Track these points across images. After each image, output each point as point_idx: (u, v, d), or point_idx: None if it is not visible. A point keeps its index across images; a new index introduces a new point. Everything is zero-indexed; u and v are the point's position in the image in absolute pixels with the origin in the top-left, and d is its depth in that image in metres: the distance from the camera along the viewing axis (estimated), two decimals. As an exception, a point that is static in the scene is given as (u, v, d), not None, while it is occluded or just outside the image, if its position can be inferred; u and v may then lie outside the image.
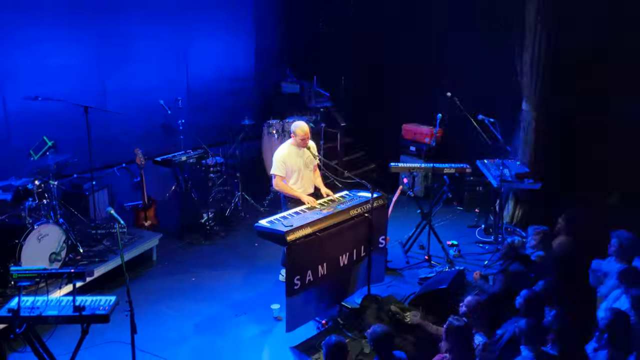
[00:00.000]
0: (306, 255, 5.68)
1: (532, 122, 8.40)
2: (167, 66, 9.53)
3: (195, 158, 8.27)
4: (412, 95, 10.25)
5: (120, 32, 8.83)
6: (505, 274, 6.10)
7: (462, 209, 9.49)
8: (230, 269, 7.46)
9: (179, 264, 7.54)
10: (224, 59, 10.39)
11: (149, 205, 8.09)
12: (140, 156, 7.77)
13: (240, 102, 10.75)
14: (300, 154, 6.63)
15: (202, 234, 8.30)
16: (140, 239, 7.41)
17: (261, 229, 5.78)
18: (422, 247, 7.92)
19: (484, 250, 8.02)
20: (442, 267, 7.32)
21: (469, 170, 7.99)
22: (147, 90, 9.18)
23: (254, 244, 8.09)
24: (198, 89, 10.04)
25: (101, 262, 6.74)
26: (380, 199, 6.41)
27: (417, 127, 10.02)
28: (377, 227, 6.37)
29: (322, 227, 5.85)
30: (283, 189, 6.61)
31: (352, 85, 11.14)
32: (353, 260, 6.23)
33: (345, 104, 10.77)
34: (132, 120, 9.02)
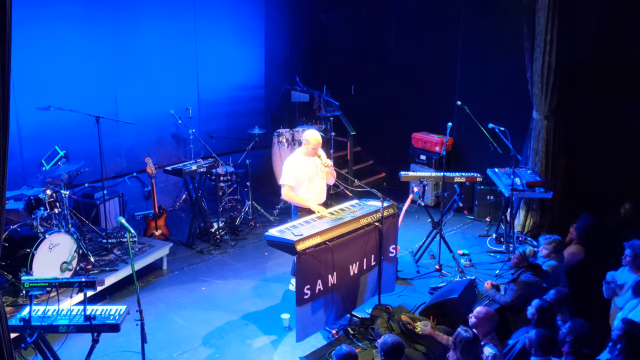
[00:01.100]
0: (316, 264, 5.68)
1: (543, 130, 8.38)
2: (178, 76, 9.60)
3: (206, 167, 8.31)
4: (423, 104, 10.26)
5: (132, 42, 8.91)
6: (516, 283, 6.07)
7: (473, 218, 9.46)
8: (241, 278, 7.47)
9: (189, 273, 7.56)
10: (234, 68, 10.45)
11: (160, 214, 8.13)
12: (151, 165, 7.81)
13: (250, 111, 10.80)
14: (311, 163, 6.63)
15: (212, 243, 8.32)
16: (151, 248, 7.44)
17: (271, 238, 5.79)
18: (433, 257, 7.89)
19: (495, 259, 7.98)
20: (453, 277, 7.28)
21: (479, 179, 7.97)
22: (158, 100, 9.25)
23: (264, 253, 8.10)
24: (208, 98, 10.10)
25: (112, 271, 6.76)
26: (390, 207, 6.40)
27: (428, 136, 10.02)
28: (387, 236, 6.36)
29: (332, 236, 5.84)
30: (292, 198, 6.62)
31: (363, 94, 11.16)
32: (363, 269, 6.22)
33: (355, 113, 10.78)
34: (143, 129, 9.08)
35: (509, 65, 8.90)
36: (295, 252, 5.53)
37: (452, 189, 8.32)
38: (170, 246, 7.70)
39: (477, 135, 8.50)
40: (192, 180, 8.41)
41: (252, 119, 10.51)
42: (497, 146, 8.05)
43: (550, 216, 8.56)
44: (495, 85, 9.21)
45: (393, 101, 10.70)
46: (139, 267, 7.11)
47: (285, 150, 9.59)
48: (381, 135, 10.98)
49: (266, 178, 10.45)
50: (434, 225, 7.76)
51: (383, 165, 11.26)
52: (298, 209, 6.69)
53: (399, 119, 10.62)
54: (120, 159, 9.06)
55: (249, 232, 8.82)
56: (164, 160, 9.22)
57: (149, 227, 8.08)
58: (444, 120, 7.97)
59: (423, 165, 10.01)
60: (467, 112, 8.02)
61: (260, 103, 11.04)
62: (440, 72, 9.97)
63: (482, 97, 9.23)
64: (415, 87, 10.33)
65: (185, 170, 8.04)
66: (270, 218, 9.22)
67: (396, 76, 10.61)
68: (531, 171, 8.37)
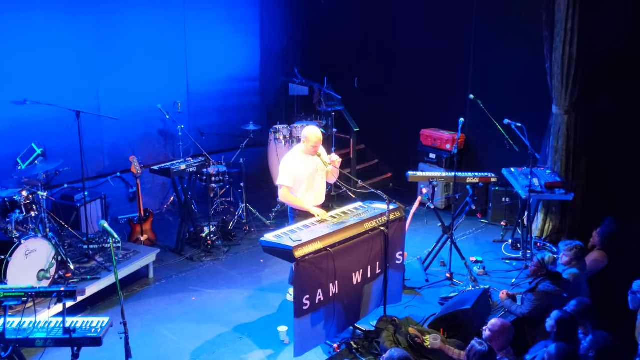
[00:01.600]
0: (316, 272, 5.68)
1: (563, 126, 8.37)
2: (166, 67, 9.60)
3: (196, 167, 8.30)
4: (432, 98, 10.26)
5: (115, 31, 8.92)
6: (534, 293, 6.07)
7: (487, 222, 9.46)
8: (234, 287, 7.47)
9: (178, 282, 7.56)
10: (226, 59, 10.45)
11: (146, 218, 8.13)
12: (136, 165, 7.81)
13: (244, 106, 10.80)
14: (310, 162, 6.63)
15: (203, 249, 8.32)
16: (136, 255, 7.44)
17: (267, 244, 5.79)
18: (443, 264, 7.89)
19: (511, 267, 7.98)
20: (466, 286, 7.29)
21: (494, 179, 7.97)
22: (143, 94, 9.25)
23: (260, 261, 8.10)
24: (198, 91, 10.10)
25: (93, 279, 6.76)
26: (397, 211, 6.40)
27: (437, 133, 10.02)
28: (393, 242, 6.36)
29: (334, 242, 5.84)
30: (290, 200, 6.62)
31: (366, 87, 11.17)
32: (367, 278, 6.22)
33: (359, 108, 10.79)
34: (127, 125, 9.08)
35: (527, 56, 8.90)
36: (294, 259, 5.53)
37: (464, 190, 8.32)
38: (157, 252, 7.70)
39: (492, 132, 8.50)
40: (181, 181, 8.41)
41: (246, 114, 10.51)
42: (513, 144, 8.04)
43: (571, 220, 8.56)
44: (512, 78, 9.21)
45: (400, 95, 10.70)
46: (123, 275, 7.10)
47: (283, 148, 9.59)
48: (387, 132, 10.98)
49: (262, 178, 10.45)
50: (445, 229, 7.76)
51: (389, 165, 11.26)
52: (296, 212, 6.70)
53: (406, 114, 10.62)
54: (103, 158, 9.06)
55: (243, 238, 8.82)
56: (150, 159, 9.22)
57: (134, 231, 8.08)
58: (455, 115, 7.97)
59: (432, 164, 10.01)
60: (481, 107, 8.02)
61: (255, 97, 11.04)
62: (452, 63, 9.97)
63: (497, 90, 9.23)
64: (425, 79, 10.33)
65: (174, 169, 8.04)
66: (266, 222, 9.22)
67: (403, 68, 10.62)
68: (550, 171, 8.37)
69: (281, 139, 9.72)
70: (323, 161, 6.56)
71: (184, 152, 9.35)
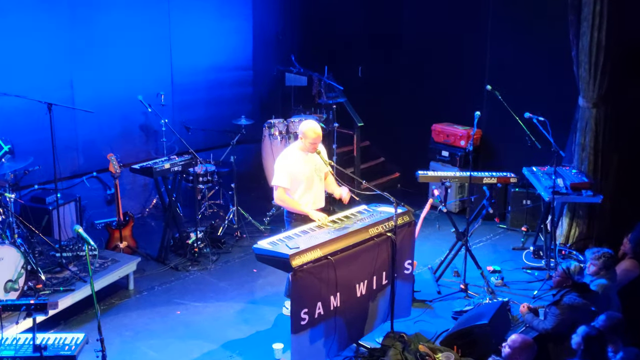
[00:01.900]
0: (315, 283, 5.68)
1: (591, 121, 8.38)
2: (147, 55, 9.59)
3: (181, 165, 8.30)
4: (445, 89, 10.26)
5: (91, 15, 8.92)
6: (559, 306, 6.07)
7: (506, 227, 9.46)
8: (224, 300, 7.46)
9: (161, 295, 7.56)
10: (215, 45, 10.45)
11: (125, 222, 8.13)
12: (114, 163, 7.80)
13: (235, 98, 10.79)
14: (309, 161, 6.63)
15: (189, 257, 8.32)
16: (115, 264, 7.43)
17: (261, 251, 5.79)
18: (457, 274, 7.89)
19: (533, 277, 7.98)
20: (482, 299, 7.29)
21: (514, 180, 7.97)
22: (122, 84, 9.24)
23: (252, 270, 8.10)
24: (184, 81, 10.10)
25: (67, 291, 6.75)
26: (405, 215, 6.40)
27: (451, 128, 10.02)
28: (402, 250, 6.36)
29: (335, 250, 5.84)
30: (287, 203, 6.61)
31: (372, 77, 11.17)
32: (373, 289, 6.22)
33: (363, 100, 10.78)
34: (105, 119, 9.08)
35: (550, 42, 8.90)
36: (291, 269, 5.53)
37: (480, 192, 8.31)
38: (137, 261, 7.70)
39: (511, 127, 8.50)
40: (165, 181, 8.40)
41: (237, 106, 10.50)
42: (535, 140, 8.04)
43: (599, 225, 8.56)
44: (534, 66, 9.21)
45: (409, 85, 10.70)
46: (100, 286, 7.10)
47: (278, 145, 9.59)
48: (394, 126, 10.98)
49: (255, 179, 10.44)
50: (459, 235, 7.77)
51: (397, 164, 11.26)
52: (292, 217, 6.69)
53: (416, 107, 10.62)
54: (78, 155, 9.05)
55: (233, 245, 8.82)
56: (130, 157, 9.21)
57: (112, 237, 8.08)
58: (470, 108, 7.96)
59: (445, 163, 10.02)
60: (499, 99, 8.01)
61: (248, 87, 11.04)
62: (467, 50, 9.97)
63: (517, 80, 9.22)
64: (437, 68, 10.32)
65: (157, 169, 8.04)
66: (259, 227, 9.22)
67: (413, 55, 10.62)
68: (577, 170, 8.37)
69: (276, 134, 9.71)
70: (324, 160, 6.56)
71: (168, 149, 9.34)
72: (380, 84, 11.05)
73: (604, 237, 8.39)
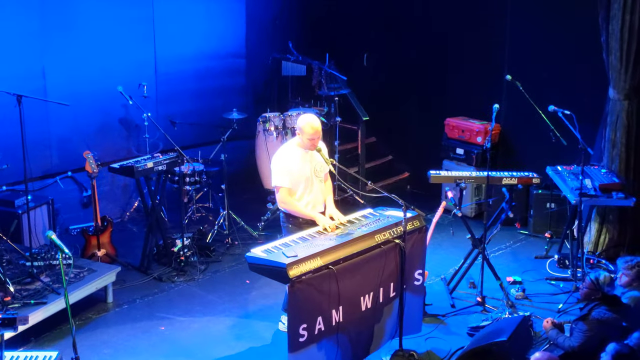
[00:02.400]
0: (316, 296, 5.68)
1: (623, 114, 8.38)
2: (128, 41, 9.58)
3: (166, 164, 8.30)
4: (460, 80, 10.26)
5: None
6: (586, 322, 6.07)
7: (528, 234, 9.46)
8: (213, 314, 7.47)
9: (144, 308, 7.56)
10: (204, 31, 10.44)
11: (103, 228, 8.13)
12: (91, 162, 7.80)
13: (227, 89, 10.79)
14: (308, 159, 6.63)
15: (175, 267, 8.32)
16: (92, 274, 7.43)
17: (255, 260, 5.79)
18: (473, 285, 7.89)
19: (558, 289, 7.99)
20: (501, 313, 7.29)
21: (536, 180, 7.97)
22: (101, 74, 9.23)
23: (245, 281, 8.10)
24: (169, 71, 10.10)
25: (38, 304, 6.75)
26: (416, 219, 6.40)
27: (466, 123, 10.02)
28: (411, 258, 6.36)
29: (338, 258, 5.84)
30: (293, 206, 6.55)
31: (378, 66, 11.16)
32: (379, 302, 6.22)
33: (369, 91, 10.79)
34: (80, 113, 9.08)
35: (577, 27, 8.89)
36: (288, 280, 5.53)
37: (499, 194, 8.31)
38: (117, 271, 7.70)
39: (534, 122, 8.49)
40: (148, 182, 8.40)
41: (228, 99, 10.50)
42: (560, 136, 8.04)
43: (632, 231, 8.56)
44: (558, 54, 9.21)
45: (420, 75, 10.70)
46: (75, 299, 7.10)
47: (274, 141, 9.60)
48: (404, 121, 10.98)
49: (248, 179, 10.44)
50: (475, 242, 7.77)
51: (406, 162, 11.26)
52: (289, 221, 6.68)
53: (428, 99, 10.62)
54: (50, 153, 9.05)
55: (224, 253, 8.82)
56: (109, 155, 9.22)
57: (88, 245, 8.09)
58: (488, 101, 7.97)
59: (460, 161, 10.02)
60: (520, 90, 8.02)
61: (240, 77, 11.03)
62: (484, 36, 9.97)
63: (540, 69, 9.23)
64: (450, 56, 10.33)
65: (138, 168, 8.04)
66: (253, 233, 9.23)
67: (424, 41, 10.61)
68: (607, 170, 8.37)
69: (272, 130, 9.72)
70: (325, 158, 6.54)
71: (151, 146, 9.34)
72: (388, 73, 11.05)
73: (637, 244, 8.39)
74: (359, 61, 11.26)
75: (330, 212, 6.66)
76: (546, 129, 8.11)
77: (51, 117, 8.89)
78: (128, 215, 9.77)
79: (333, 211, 6.66)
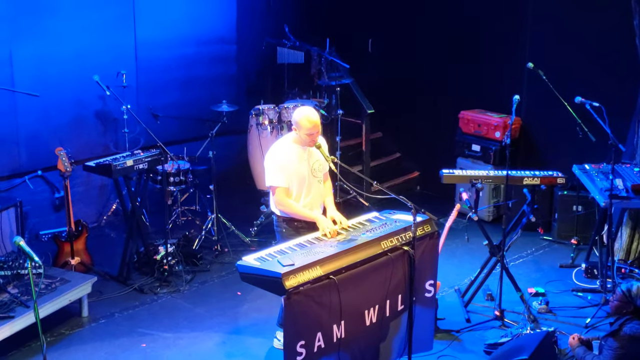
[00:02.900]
0: (315, 309, 5.68)
1: (658, 107, 8.41)
2: (106, 24, 9.58)
3: (148, 162, 8.30)
4: (476, 68, 10.26)
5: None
6: (617, 338, 6.08)
7: (552, 240, 9.47)
8: (200, 330, 7.47)
9: (123, 323, 7.56)
10: (189, 13, 10.44)
11: (78, 233, 8.13)
12: (64, 160, 7.80)
13: (216, 78, 10.79)
14: (306, 157, 6.63)
15: (158, 277, 8.32)
16: (65, 285, 7.43)
17: (247, 269, 5.78)
18: (491, 298, 7.90)
19: (585, 302, 7.99)
20: (521, 328, 7.30)
21: (561, 180, 7.97)
22: (74, 61, 9.23)
23: (236, 293, 8.11)
24: (151, 57, 10.10)
25: (5, 319, 6.75)
26: (427, 224, 6.40)
27: (483, 116, 10.03)
28: (422, 267, 6.36)
29: (339, 267, 5.83)
30: (291, 208, 6.53)
31: (385, 52, 11.16)
32: (386, 317, 6.22)
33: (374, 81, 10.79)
34: (52, 105, 9.07)
35: (607, 9, 8.90)
36: (284, 291, 5.53)
37: (519, 195, 8.31)
38: (93, 281, 7.69)
39: (558, 115, 8.50)
40: (127, 182, 8.41)
41: (217, 89, 10.50)
42: (587, 131, 8.05)
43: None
44: (586, 39, 9.21)
45: (431, 63, 10.71)
46: (46, 312, 7.10)
47: (268, 136, 9.60)
48: (413, 114, 10.98)
49: (239, 179, 10.45)
50: (493, 250, 7.77)
51: (416, 160, 11.27)
52: (284, 225, 6.68)
53: (440, 89, 10.63)
54: (18, 150, 9.05)
55: (212, 261, 8.83)
56: (84, 152, 9.22)
57: (61, 252, 8.09)
58: (507, 92, 7.97)
59: (476, 159, 10.03)
60: (543, 80, 8.02)
61: (230, 65, 11.03)
62: (503, 19, 9.98)
63: (566, 56, 9.23)
64: (465, 41, 10.33)
65: (117, 166, 8.05)
66: (245, 239, 9.23)
67: (436, 25, 10.62)
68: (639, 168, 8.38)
69: (266, 124, 9.71)
70: (325, 156, 6.53)
71: (131, 142, 9.35)
72: (395, 61, 11.05)
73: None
74: (364, 47, 11.26)
75: (332, 214, 6.63)
76: (572, 123, 8.12)
77: (19, 110, 8.89)
78: (105, 219, 9.77)
79: (334, 213, 6.64)
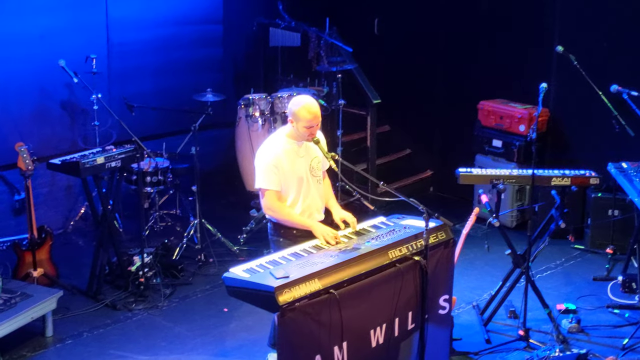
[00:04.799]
0: (313, 328, 5.68)
1: None
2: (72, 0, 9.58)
3: (121, 159, 8.30)
4: (498, 53, 10.27)
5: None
6: (659, 361, 6.10)
7: (584, 249, 9.48)
8: (181, 351, 7.48)
9: (93, 343, 7.56)
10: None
11: (41, 241, 8.13)
12: (25, 157, 7.80)
13: (199, 63, 10.80)
14: (303, 153, 6.63)
15: (133, 290, 8.33)
16: (25, 300, 7.43)
17: (235, 282, 5.79)
18: (515, 315, 7.91)
19: (623, 320, 8.00)
20: (549, 350, 7.30)
21: (595, 181, 7.98)
22: (36, 43, 9.23)
23: (222, 309, 8.12)
24: (125, 40, 10.10)
25: (-42, 339, 6.78)
26: (441, 230, 6.41)
27: (506, 107, 10.03)
28: (435, 280, 6.36)
29: (341, 280, 5.83)
30: (281, 213, 6.53)
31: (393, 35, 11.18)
32: (394, 337, 6.22)
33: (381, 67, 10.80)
34: (11, 94, 9.08)
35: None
36: (277, 307, 5.53)
37: (547, 198, 8.32)
38: (58, 296, 7.70)
39: (591, 106, 8.52)
40: (98, 183, 8.41)
41: (201, 76, 10.51)
42: (625, 124, 8.06)
43: None
44: (622, 19, 9.22)
45: (446, 47, 10.72)
46: (4, 331, 7.10)
47: (260, 130, 9.61)
48: (425, 105, 11.00)
49: (226, 179, 10.45)
50: (517, 260, 7.78)
51: (428, 157, 11.28)
52: (279, 233, 6.68)
53: (456, 77, 10.64)
54: (-27, 146, 9.08)
55: (195, 273, 8.84)
56: (48, 148, 9.22)
57: (22, 262, 8.09)
58: (533, 80, 7.98)
59: (497, 156, 10.03)
60: (574, 65, 8.04)
61: (216, 49, 11.04)
62: None
63: (600, 39, 9.24)
64: (484, 22, 10.34)
65: (86, 164, 8.04)
66: (232, 248, 9.23)
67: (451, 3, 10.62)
68: (685, 168, 8.40)
69: (257, 116, 9.72)
70: (324, 152, 6.53)
71: (102, 136, 9.35)
72: (405, 44, 11.06)
73: None
74: (369, 28, 11.27)
75: (340, 215, 6.62)
76: (608, 115, 8.14)
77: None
78: (72, 224, 9.77)
79: (343, 214, 6.63)
